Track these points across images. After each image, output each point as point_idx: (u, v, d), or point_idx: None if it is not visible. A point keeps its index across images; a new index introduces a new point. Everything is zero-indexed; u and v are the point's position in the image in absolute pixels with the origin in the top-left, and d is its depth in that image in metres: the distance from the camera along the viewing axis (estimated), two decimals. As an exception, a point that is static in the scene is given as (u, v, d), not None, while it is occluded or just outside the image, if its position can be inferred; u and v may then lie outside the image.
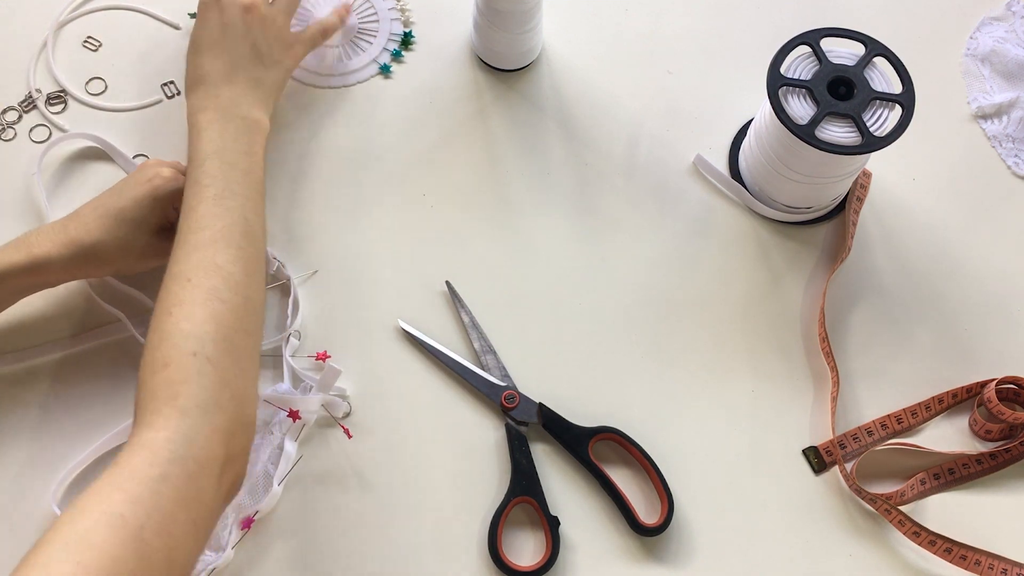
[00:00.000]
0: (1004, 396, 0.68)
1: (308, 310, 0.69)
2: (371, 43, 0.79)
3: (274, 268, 0.69)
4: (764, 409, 0.68)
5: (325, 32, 0.74)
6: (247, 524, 0.61)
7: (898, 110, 0.65)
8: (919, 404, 0.68)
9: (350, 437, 0.65)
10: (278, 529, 0.63)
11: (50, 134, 0.74)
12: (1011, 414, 0.66)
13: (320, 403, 0.65)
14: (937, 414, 0.68)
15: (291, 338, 0.67)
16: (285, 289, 0.69)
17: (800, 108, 0.65)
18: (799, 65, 0.67)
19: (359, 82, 0.78)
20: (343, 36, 0.79)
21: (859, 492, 0.64)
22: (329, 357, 0.66)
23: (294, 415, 0.63)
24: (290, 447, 0.64)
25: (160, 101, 0.76)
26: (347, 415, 0.66)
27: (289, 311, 0.68)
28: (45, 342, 0.67)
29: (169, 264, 0.56)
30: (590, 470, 0.65)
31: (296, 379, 0.66)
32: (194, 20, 0.68)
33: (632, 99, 0.78)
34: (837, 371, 0.68)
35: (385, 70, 0.78)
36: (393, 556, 0.63)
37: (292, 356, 0.67)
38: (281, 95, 0.70)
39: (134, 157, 0.74)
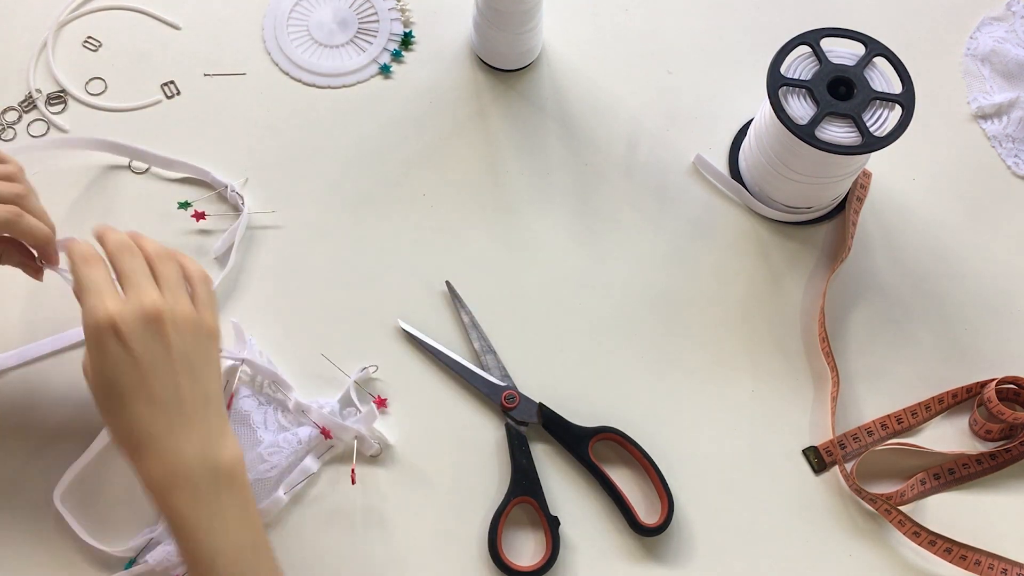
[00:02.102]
0: (1004, 396, 0.68)
1: (308, 310, 0.69)
2: (371, 43, 0.79)
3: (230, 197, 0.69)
4: (764, 409, 0.68)
5: (209, 282, 0.57)
6: None
7: (898, 110, 0.65)
8: (919, 404, 0.68)
9: (353, 483, 0.63)
10: (277, 523, 0.63)
11: (48, 131, 0.74)
12: (1011, 414, 0.66)
13: (354, 435, 0.64)
14: (937, 414, 0.68)
15: (367, 369, 0.67)
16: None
17: (800, 108, 0.65)
18: (799, 65, 0.67)
19: (359, 82, 0.78)
20: (343, 31, 0.79)
21: (859, 492, 0.64)
22: (385, 405, 0.66)
23: (326, 433, 0.63)
24: (310, 462, 0.64)
25: (160, 101, 0.76)
26: (374, 456, 0.65)
27: (228, 241, 0.69)
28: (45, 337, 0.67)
29: None
30: (590, 470, 0.65)
31: (345, 402, 0.66)
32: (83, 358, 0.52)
33: (632, 99, 0.78)
34: (837, 371, 0.68)
35: (385, 70, 0.78)
36: (393, 556, 0.63)
37: (357, 383, 0.66)
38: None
39: (130, 163, 0.74)
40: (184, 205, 0.71)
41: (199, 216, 0.70)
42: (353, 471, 0.63)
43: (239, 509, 0.52)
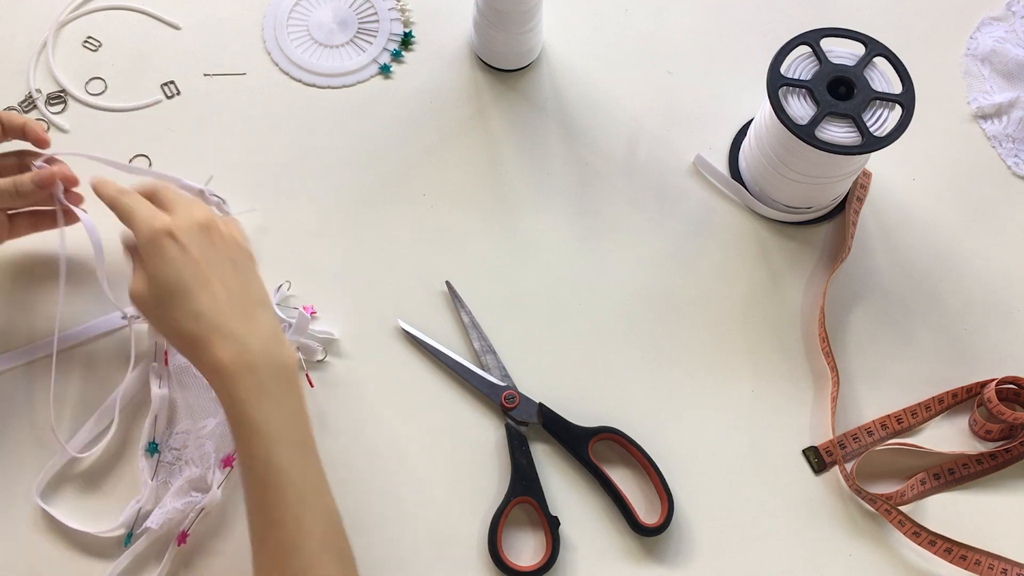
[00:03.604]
0: (1004, 396, 0.68)
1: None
2: (371, 43, 0.79)
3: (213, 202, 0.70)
4: (764, 409, 0.68)
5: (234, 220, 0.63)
6: (228, 462, 0.62)
7: (898, 110, 0.65)
8: (919, 404, 0.68)
9: (312, 386, 0.66)
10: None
11: (48, 131, 0.74)
12: (1011, 414, 0.66)
13: (296, 347, 0.65)
14: (937, 414, 0.68)
15: (281, 288, 0.69)
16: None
17: (800, 108, 0.65)
18: (799, 65, 0.67)
19: (359, 82, 0.78)
20: (343, 32, 0.79)
21: (859, 492, 0.64)
22: (315, 313, 0.68)
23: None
24: None
25: (160, 101, 0.76)
26: (321, 361, 0.67)
27: None
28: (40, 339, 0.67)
29: None
30: (590, 470, 0.65)
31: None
32: (142, 260, 0.56)
33: (632, 99, 0.78)
34: (837, 371, 0.68)
35: (385, 70, 0.78)
36: (393, 556, 0.63)
37: (278, 304, 0.68)
38: None
39: (132, 159, 0.74)
40: None
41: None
42: (307, 375, 0.66)
43: (296, 407, 0.55)
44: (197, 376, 0.64)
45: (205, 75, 0.77)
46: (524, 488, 0.63)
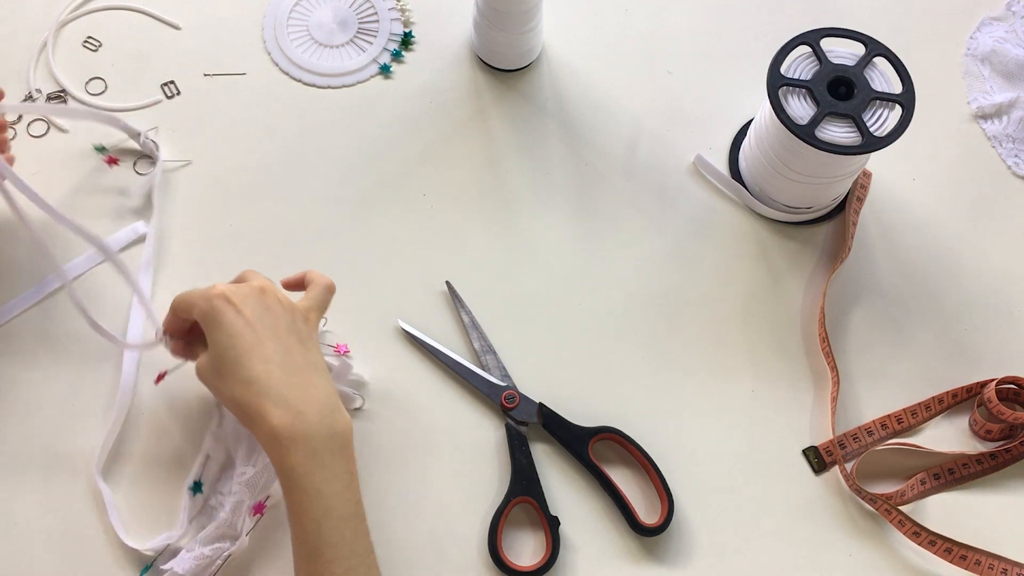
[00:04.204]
0: (1004, 396, 0.68)
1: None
2: (371, 43, 0.79)
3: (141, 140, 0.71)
4: (764, 409, 0.68)
5: (329, 290, 0.62)
6: (259, 510, 0.61)
7: (898, 110, 0.65)
8: (919, 404, 0.68)
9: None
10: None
11: (48, 130, 0.74)
12: (1011, 414, 0.66)
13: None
14: (937, 414, 0.68)
15: (323, 322, 0.67)
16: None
17: (800, 108, 0.65)
18: (799, 65, 0.67)
19: (359, 82, 0.78)
20: (343, 32, 0.79)
21: (859, 492, 0.64)
22: (348, 352, 0.66)
23: None
24: None
25: (160, 101, 0.76)
26: (359, 409, 0.66)
27: (155, 197, 0.70)
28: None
29: None
30: (590, 470, 0.65)
31: None
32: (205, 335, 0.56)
33: (632, 99, 0.78)
34: (837, 371, 0.68)
35: (385, 70, 0.78)
36: (393, 556, 0.63)
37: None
38: None
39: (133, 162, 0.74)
40: (101, 149, 0.71)
41: (112, 161, 0.71)
42: None
43: (348, 477, 0.55)
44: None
45: (205, 75, 0.77)
46: (524, 488, 0.63)
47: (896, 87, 0.66)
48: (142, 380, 0.66)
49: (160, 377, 0.65)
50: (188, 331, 0.61)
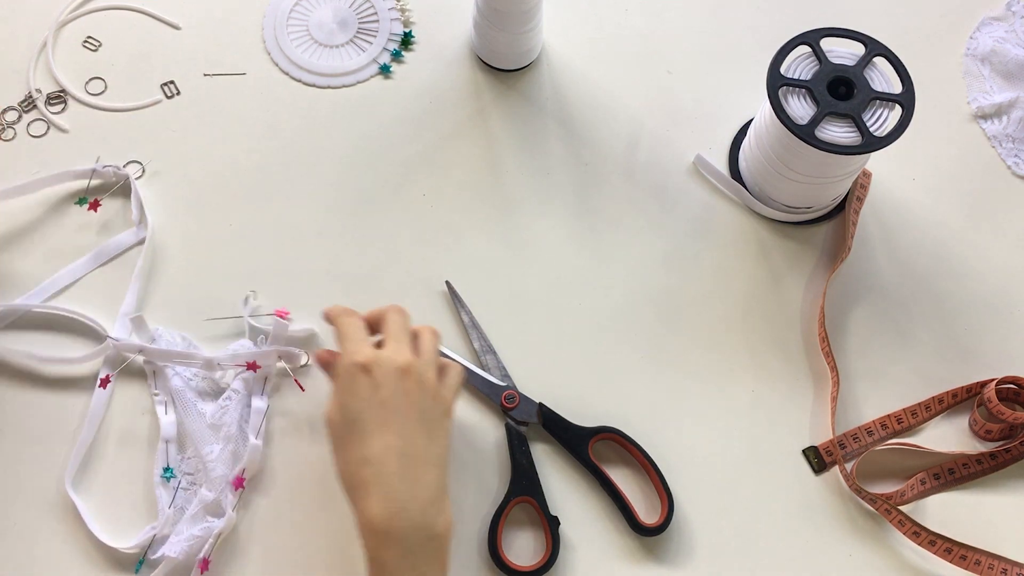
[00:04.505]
0: (1004, 396, 0.68)
1: (309, 309, 0.69)
2: (371, 43, 0.79)
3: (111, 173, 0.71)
4: (764, 409, 0.68)
5: (464, 375, 0.61)
6: (239, 484, 0.63)
7: (898, 110, 0.65)
8: (919, 404, 0.68)
9: (303, 390, 0.66)
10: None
11: (48, 130, 0.74)
12: (1011, 414, 0.66)
13: (277, 355, 0.66)
14: (937, 414, 0.68)
15: (249, 299, 0.69)
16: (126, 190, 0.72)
17: (800, 108, 0.65)
18: (799, 65, 0.67)
19: (359, 82, 0.78)
20: (343, 31, 0.79)
21: (859, 492, 0.64)
22: (288, 314, 0.67)
23: (252, 366, 0.65)
24: (258, 402, 0.65)
25: (160, 101, 0.76)
26: (305, 365, 0.67)
27: (133, 209, 0.71)
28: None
29: None
30: (590, 470, 0.65)
31: (255, 335, 0.68)
32: (332, 391, 0.56)
33: (632, 99, 0.78)
34: (837, 371, 0.68)
35: (385, 70, 0.78)
36: (393, 556, 0.63)
37: (252, 316, 0.68)
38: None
39: (125, 165, 0.73)
40: (81, 201, 0.71)
41: (95, 205, 0.70)
42: (296, 381, 0.66)
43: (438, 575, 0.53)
44: (193, 404, 0.65)
45: (205, 75, 0.77)
46: (524, 488, 0.63)
47: (896, 87, 0.66)
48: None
49: (104, 382, 0.66)
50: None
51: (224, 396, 0.65)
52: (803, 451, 0.67)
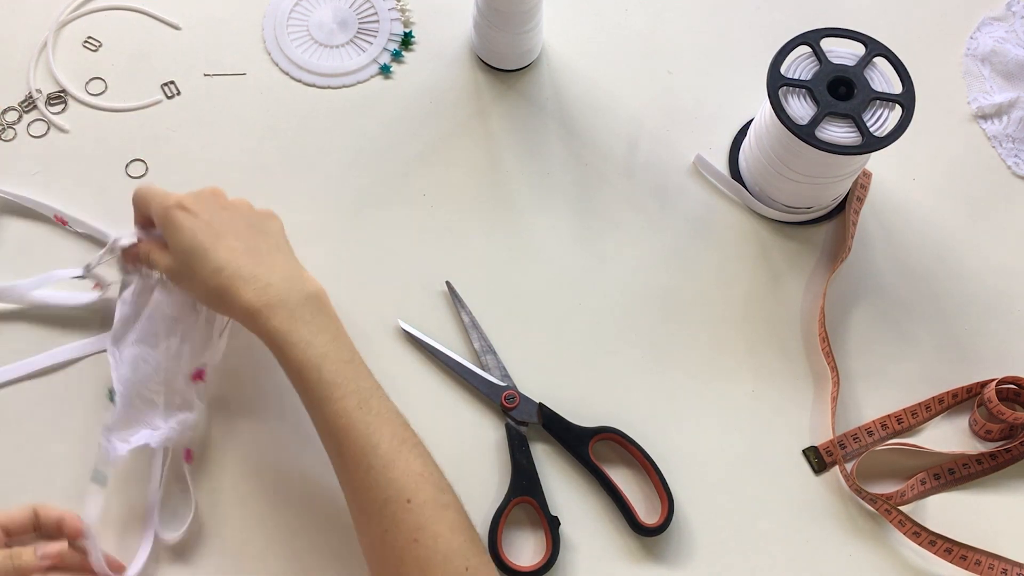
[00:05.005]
0: (1004, 396, 0.68)
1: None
2: (371, 43, 0.79)
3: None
4: (764, 409, 0.68)
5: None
6: (200, 376, 0.64)
7: (898, 110, 0.65)
8: (919, 404, 0.68)
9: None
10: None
11: (48, 130, 0.75)
12: (1011, 414, 0.66)
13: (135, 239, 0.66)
14: (937, 414, 0.68)
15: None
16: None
17: (800, 108, 0.65)
18: (799, 65, 0.67)
19: (359, 82, 0.78)
20: (343, 32, 0.79)
21: (859, 492, 0.64)
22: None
23: (129, 255, 0.64)
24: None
25: (160, 101, 0.76)
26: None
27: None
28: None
29: (358, 492, 0.55)
30: (590, 470, 0.65)
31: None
32: (159, 237, 0.61)
33: (632, 99, 0.78)
34: (837, 371, 0.68)
35: (385, 70, 0.78)
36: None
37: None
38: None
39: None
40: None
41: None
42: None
43: (334, 328, 0.59)
44: (141, 300, 0.64)
45: (205, 75, 0.77)
46: (524, 488, 0.63)
47: (896, 87, 0.66)
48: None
49: (98, 285, 0.67)
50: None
51: (123, 301, 0.64)
52: (803, 451, 0.67)
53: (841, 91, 0.66)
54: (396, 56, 0.79)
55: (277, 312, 0.57)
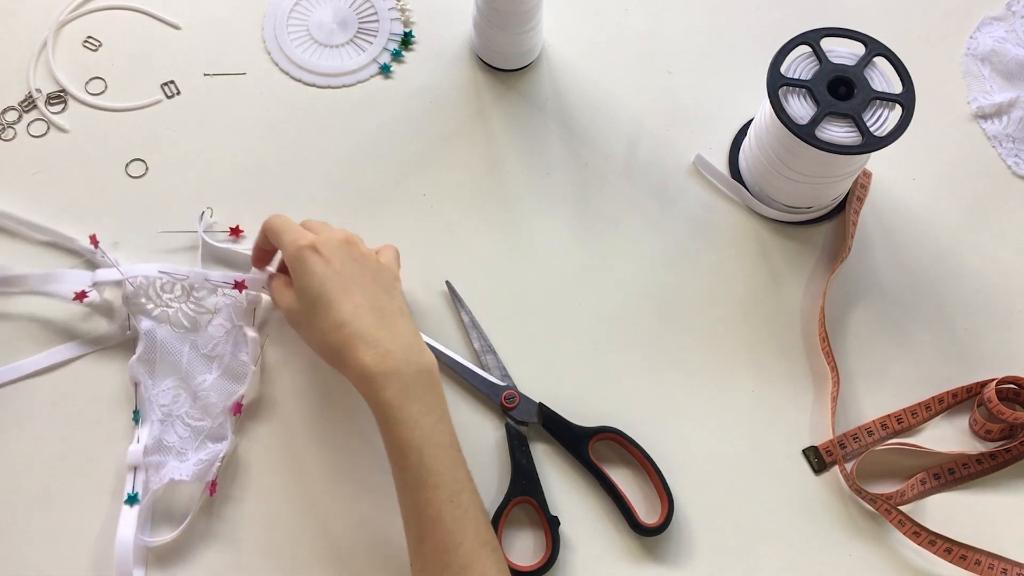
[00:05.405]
0: (1004, 396, 0.68)
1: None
2: (371, 43, 0.79)
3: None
4: (764, 409, 0.68)
5: (397, 251, 0.67)
6: (237, 409, 0.64)
7: (898, 110, 0.65)
8: (919, 404, 0.68)
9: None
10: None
11: (48, 130, 0.75)
12: (1011, 414, 0.66)
13: (269, 277, 0.66)
14: (937, 414, 0.68)
15: (204, 214, 0.70)
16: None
17: (800, 108, 0.65)
18: (799, 65, 0.67)
19: (359, 82, 0.78)
20: (343, 31, 0.79)
21: (859, 492, 0.64)
22: (242, 232, 0.70)
23: (240, 285, 0.65)
24: (251, 332, 0.66)
25: (160, 101, 0.76)
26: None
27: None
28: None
29: None
30: (590, 470, 0.65)
31: (211, 259, 0.69)
32: (289, 278, 0.61)
33: (632, 99, 0.78)
34: (837, 371, 0.68)
35: (385, 70, 0.78)
36: (394, 555, 0.63)
37: (205, 231, 0.70)
38: None
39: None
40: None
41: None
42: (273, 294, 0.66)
43: (440, 408, 0.58)
44: (175, 337, 0.65)
45: (205, 75, 0.77)
46: (524, 488, 0.63)
47: (896, 87, 0.66)
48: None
49: (80, 296, 0.66)
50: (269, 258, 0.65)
51: (213, 326, 0.66)
52: (803, 451, 0.67)
53: (841, 91, 0.66)
54: (396, 56, 0.79)
55: (392, 383, 0.56)
